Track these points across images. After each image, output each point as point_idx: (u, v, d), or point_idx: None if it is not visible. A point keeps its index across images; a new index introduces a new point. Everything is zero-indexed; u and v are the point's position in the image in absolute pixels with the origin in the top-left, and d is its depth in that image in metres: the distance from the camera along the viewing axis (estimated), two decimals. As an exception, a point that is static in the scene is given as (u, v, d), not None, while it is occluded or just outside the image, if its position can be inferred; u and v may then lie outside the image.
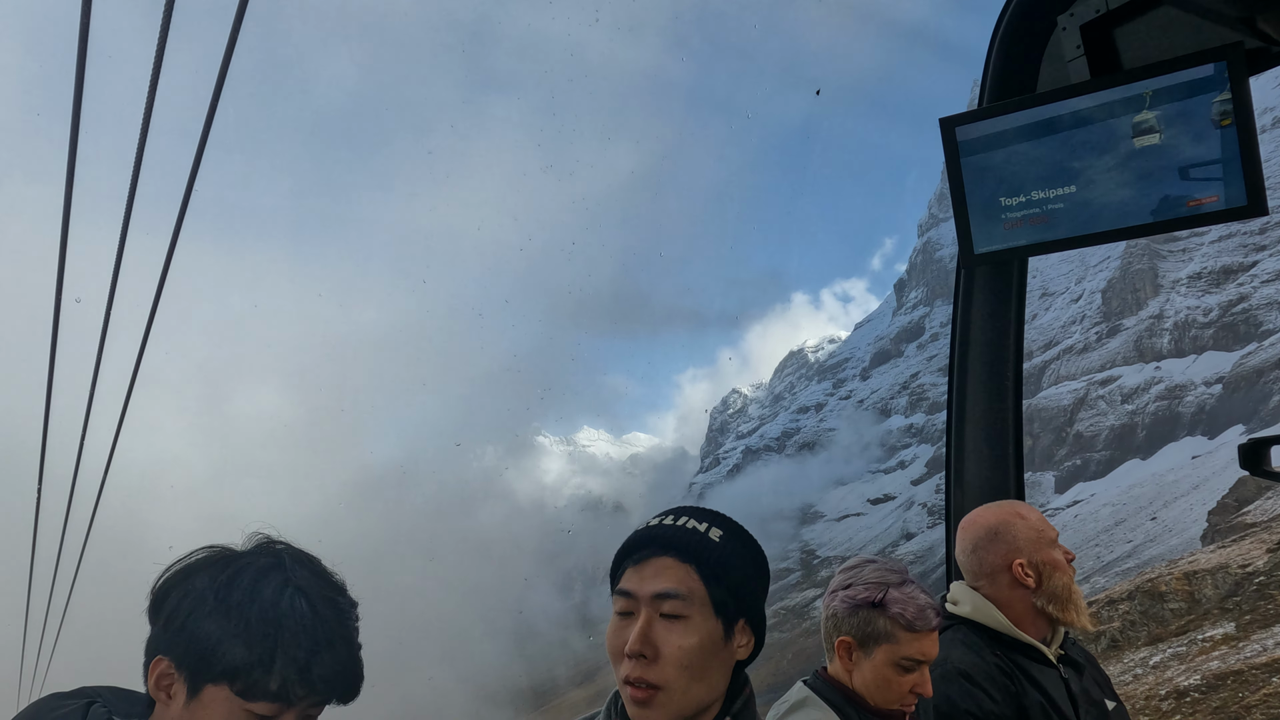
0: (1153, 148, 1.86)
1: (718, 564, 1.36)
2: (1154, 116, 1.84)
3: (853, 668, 1.91)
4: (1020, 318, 2.53)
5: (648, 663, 1.30)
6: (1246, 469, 1.82)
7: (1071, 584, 2.26)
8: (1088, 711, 2.19)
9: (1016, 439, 2.56)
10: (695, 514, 1.41)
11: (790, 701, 1.96)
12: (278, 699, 1.28)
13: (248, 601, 1.30)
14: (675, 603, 1.32)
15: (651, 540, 1.38)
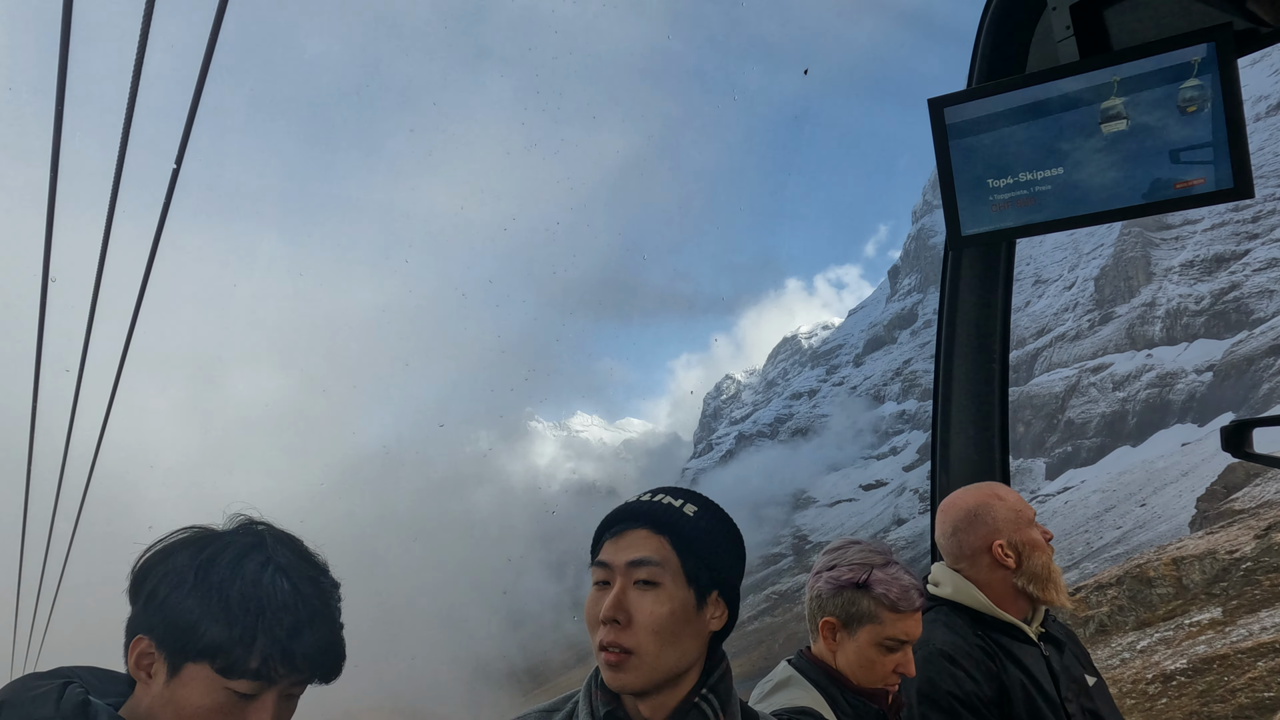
0: (1142, 129, 1.85)
1: (691, 536, 1.41)
2: (1121, 103, 1.84)
3: (836, 648, 1.92)
4: (1007, 300, 2.53)
5: (620, 628, 1.35)
6: (1229, 451, 1.82)
7: (1050, 563, 2.27)
8: (1069, 687, 2.21)
9: (1002, 422, 2.56)
10: (672, 492, 1.48)
11: (774, 681, 1.97)
12: (259, 677, 1.29)
13: (228, 580, 1.30)
14: (649, 569, 1.38)
15: (629, 515, 1.44)
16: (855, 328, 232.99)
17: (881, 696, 1.92)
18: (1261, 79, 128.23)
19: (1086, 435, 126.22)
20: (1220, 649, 18.83)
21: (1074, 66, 1.90)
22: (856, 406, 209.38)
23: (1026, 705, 2.12)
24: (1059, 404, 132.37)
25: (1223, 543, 26.97)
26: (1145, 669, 19.75)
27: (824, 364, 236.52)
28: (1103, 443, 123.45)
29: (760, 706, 1.90)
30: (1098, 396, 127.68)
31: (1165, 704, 17.36)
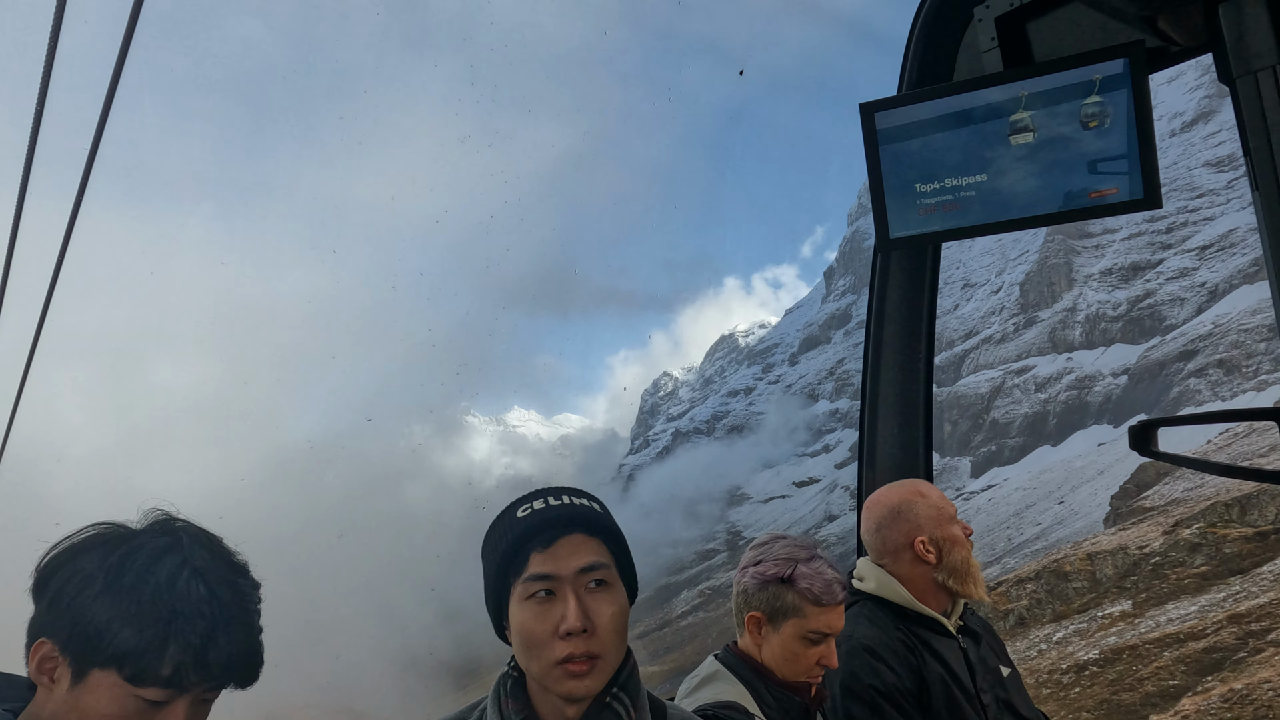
0: (1059, 140, 1.92)
1: (614, 533, 1.45)
2: (1028, 116, 1.91)
3: (762, 642, 1.95)
4: (933, 302, 2.59)
5: (587, 636, 1.34)
6: (1136, 449, 1.90)
7: (969, 558, 2.34)
8: (984, 678, 2.29)
9: (927, 420, 2.63)
10: (572, 493, 1.47)
11: (701, 676, 1.99)
12: (170, 684, 1.24)
13: (140, 583, 1.25)
14: (602, 571, 1.39)
15: (554, 521, 1.40)
16: (791, 327, 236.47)
17: (805, 689, 1.95)
18: (1178, 96, 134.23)
19: (1010, 435, 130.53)
20: (1130, 640, 19.70)
21: (997, 77, 1.97)
22: (791, 405, 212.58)
23: (944, 697, 2.18)
24: (984, 404, 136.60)
25: (1134, 539, 28.21)
26: (1060, 659, 20.52)
27: (760, 362, 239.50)
28: (1025, 442, 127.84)
29: (687, 701, 1.91)
30: (1021, 398, 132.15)
31: (1078, 693, 18.06)
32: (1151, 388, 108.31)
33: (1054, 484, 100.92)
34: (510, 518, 1.43)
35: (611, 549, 1.44)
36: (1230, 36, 1.72)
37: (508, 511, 1.46)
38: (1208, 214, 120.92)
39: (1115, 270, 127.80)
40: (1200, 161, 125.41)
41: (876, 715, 2.12)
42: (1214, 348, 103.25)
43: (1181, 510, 30.47)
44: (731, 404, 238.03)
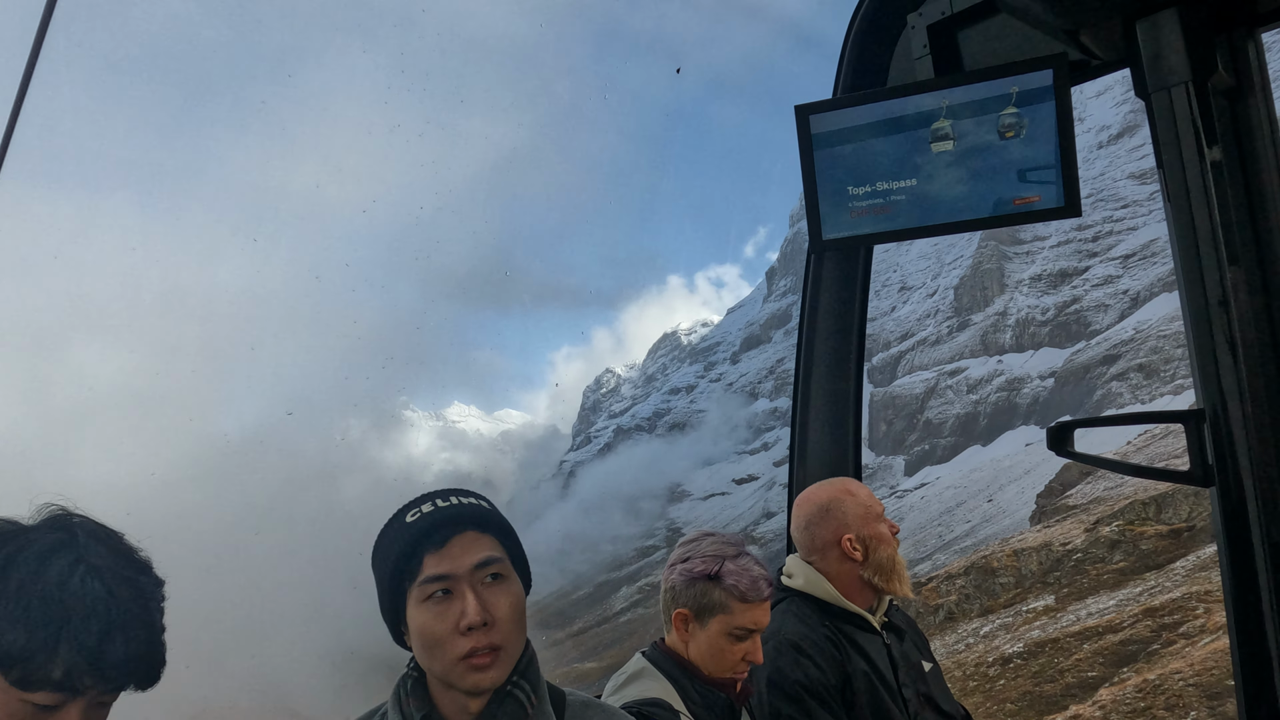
0: (986, 148, 1.97)
1: (504, 528, 1.47)
2: (949, 125, 1.96)
3: (689, 639, 1.96)
4: (864, 303, 2.64)
5: (487, 629, 1.36)
6: (1053, 449, 1.97)
7: (895, 555, 2.39)
8: (907, 673, 2.34)
9: (856, 419, 2.68)
10: (459, 493, 1.49)
11: (628, 673, 1.99)
12: (61, 688, 1.17)
13: (29, 582, 1.18)
14: (497, 565, 1.41)
15: (445, 521, 1.41)
16: (733, 326, 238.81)
17: (730, 686, 1.97)
18: (1105, 110, 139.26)
19: (942, 435, 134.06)
20: (1052, 633, 20.37)
21: (929, 84, 2.01)
22: (732, 403, 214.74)
23: (868, 691, 2.23)
24: (919, 405, 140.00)
25: (1057, 536, 29.20)
26: (987, 653, 21.12)
27: (702, 360, 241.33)
28: (956, 442, 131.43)
29: (614, 699, 1.92)
30: (953, 398, 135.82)
31: (1003, 685, 18.60)
32: (1077, 390, 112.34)
33: (983, 483, 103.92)
34: (399, 524, 1.44)
35: (504, 543, 1.46)
36: (1146, 52, 1.78)
37: (396, 518, 1.46)
38: (1131, 224, 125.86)
39: (1044, 276, 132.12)
40: (1125, 173, 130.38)
41: (801, 710, 2.15)
42: (1135, 352, 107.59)
43: (1102, 508, 31.63)
44: (673, 401, 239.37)
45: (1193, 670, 13.98)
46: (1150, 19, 1.76)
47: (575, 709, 1.55)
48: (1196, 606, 17.63)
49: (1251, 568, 1.70)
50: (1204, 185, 1.73)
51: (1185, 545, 24.05)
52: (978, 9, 2.11)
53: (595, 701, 1.59)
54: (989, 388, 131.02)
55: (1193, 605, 17.78)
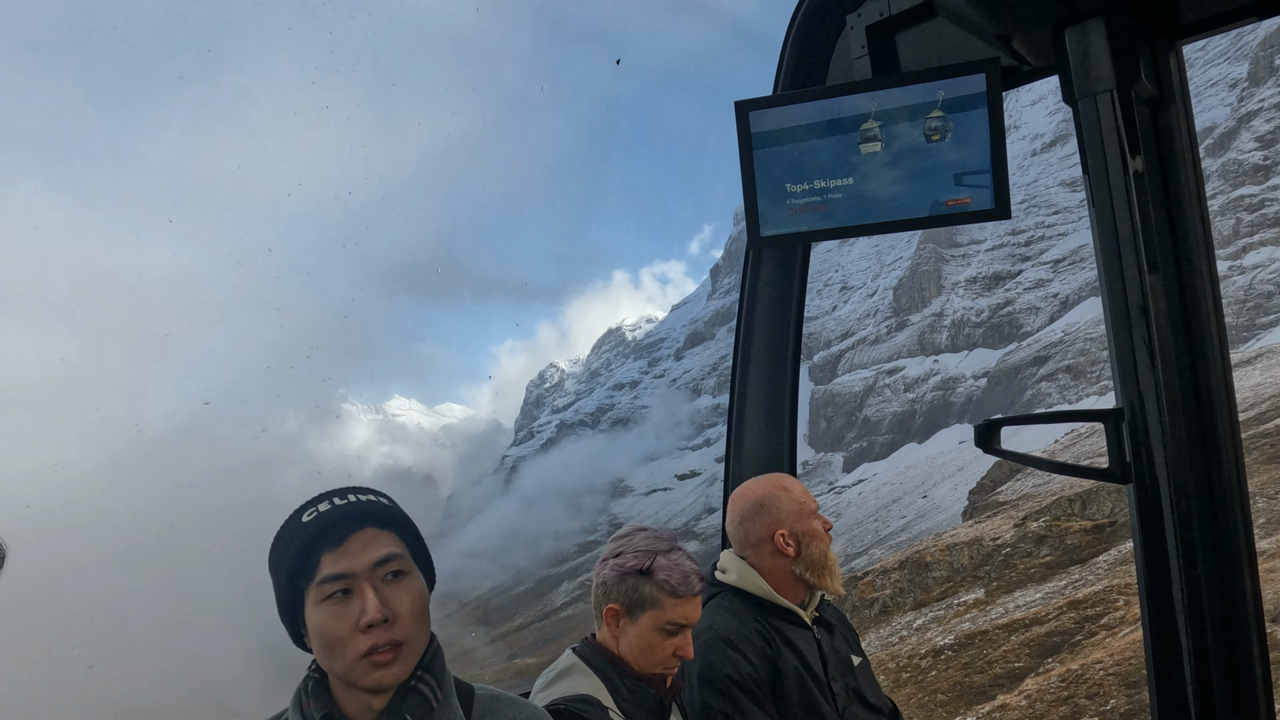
0: (920, 149, 2.00)
1: (405, 524, 1.45)
2: (877, 127, 1.98)
3: (620, 634, 1.95)
4: (801, 300, 2.65)
5: (388, 625, 1.35)
6: (980, 447, 2.01)
7: (827, 551, 2.41)
8: (836, 668, 2.37)
9: (792, 415, 2.69)
10: (358, 491, 1.46)
11: (558, 669, 1.98)
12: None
13: None
14: (398, 562, 1.40)
15: (342, 520, 1.39)
16: (678, 322, 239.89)
17: (660, 681, 1.96)
18: (1039, 118, 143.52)
19: (880, 432, 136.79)
20: (982, 625, 20.95)
21: (866, 84, 2.03)
22: (676, 399, 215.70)
23: (797, 686, 2.25)
24: (857, 403, 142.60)
25: (988, 531, 30.05)
26: (920, 645, 21.61)
27: (646, 356, 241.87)
28: (893, 439, 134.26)
29: (542, 695, 1.90)
30: (891, 397, 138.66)
31: (934, 676, 19.05)
32: (1008, 390, 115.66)
33: (919, 479, 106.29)
34: (295, 524, 1.41)
35: (405, 539, 1.45)
36: (1074, 60, 1.82)
37: (292, 519, 1.43)
38: (1062, 230, 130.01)
39: (979, 279, 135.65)
40: (1057, 180, 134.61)
41: (731, 704, 2.16)
42: (1063, 354, 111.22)
43: (1030, 504, 32.64)
44: (617, 397, 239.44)
45: (1112, 660, 14.51)
46: (1079, 27, 1.80)
47: (484, 703, 1.53)
48: (1117, 599, 18.31)
49: (1165, 561, 1.76)
50: (1126, 192, 1.78)
51: (1108, 540, 24.97)
52: (915, 11, 2.14)
53: (505, 695, 1.57)
54: (925, 387, 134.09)
55: (1114, 598, 18.45)
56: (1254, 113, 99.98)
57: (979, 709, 15.73)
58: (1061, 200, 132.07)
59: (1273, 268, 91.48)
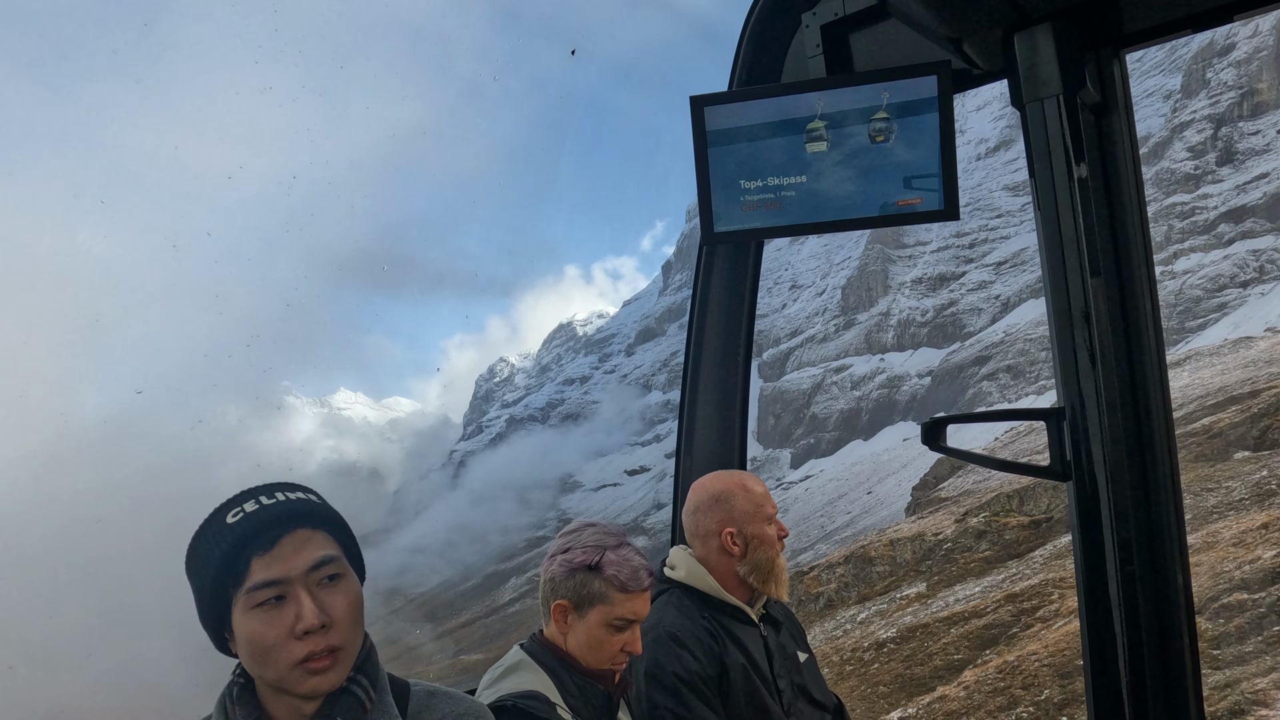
0: (872, 150, 2.01)
1: (337, 522, 1.38)
2: (823, 126, 2.00)
3: (568, 630, 1.94)
4: (753, 297, 2.66)
5: (325, 631, 1.29)
6: (927, 444, 2.04)
7: (776, 558, 2.41)
8: (782, 665, 2.39)
9: (743, 411, 2.70)
10: (285, 488, 1.38)
11: (505, 666, 1.95)
12: None
13: None
14: (333, 565, 1.33)
15: (272, 521, 1.31)
16: (629, 318, 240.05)
17: (608, 677, 1.95)
18: (984, 124, 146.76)
19: (827, 429, 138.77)
20: (923, 619, 21.39)
21: (820, 82, 2.04)
22: (626, 394, 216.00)
23: (743, 683, 2.26)
24: (806, 400, 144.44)
25: (930, 526, 30.69)
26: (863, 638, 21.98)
27: (597, 352, 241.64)
28: (840, 436, 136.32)
29: (489, 692, 1.87)
30: (838, 394, 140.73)
31: (877, 668, 19.39)
32: (951, 388, 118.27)
33: (864, 475, 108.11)
34: (219, 525, 1.32)
35: (339, 539, 1.37)
36: (1022, 65, 1.85)
37: (214, 518, 1.33)
38: (1004, 233, 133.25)
39: (925, 280, 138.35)
40: (1000, 185, 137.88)
41: (678, 701, 2.16)
42: (1004, 354, 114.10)
43: (971, 500, 33.39)
44: (567, 392, 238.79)
45: (1047, 651, 14.93)
46: (1027, 33, 1.83)
47: (420, 699, 1.48)
48: (1052, 592, 18.84)
49: (1101, 556, 1.81)
50: (1070, 196, 1.82)
51: (1044, 535, 25.69)
52: (869, 13, 2.15)
53: (442, 690, 1.53)
54: (871, 385, 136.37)
55: (1049, 591, 18.98)
56: (1186, 123, 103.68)
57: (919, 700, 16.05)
58: (1004, 204, 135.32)
59: (1201, 273, 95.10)
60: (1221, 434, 28.29)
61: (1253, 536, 16.20)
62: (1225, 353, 50.78)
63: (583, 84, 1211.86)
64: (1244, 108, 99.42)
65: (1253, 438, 27.10)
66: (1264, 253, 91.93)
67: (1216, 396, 34.49)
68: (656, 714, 2.16)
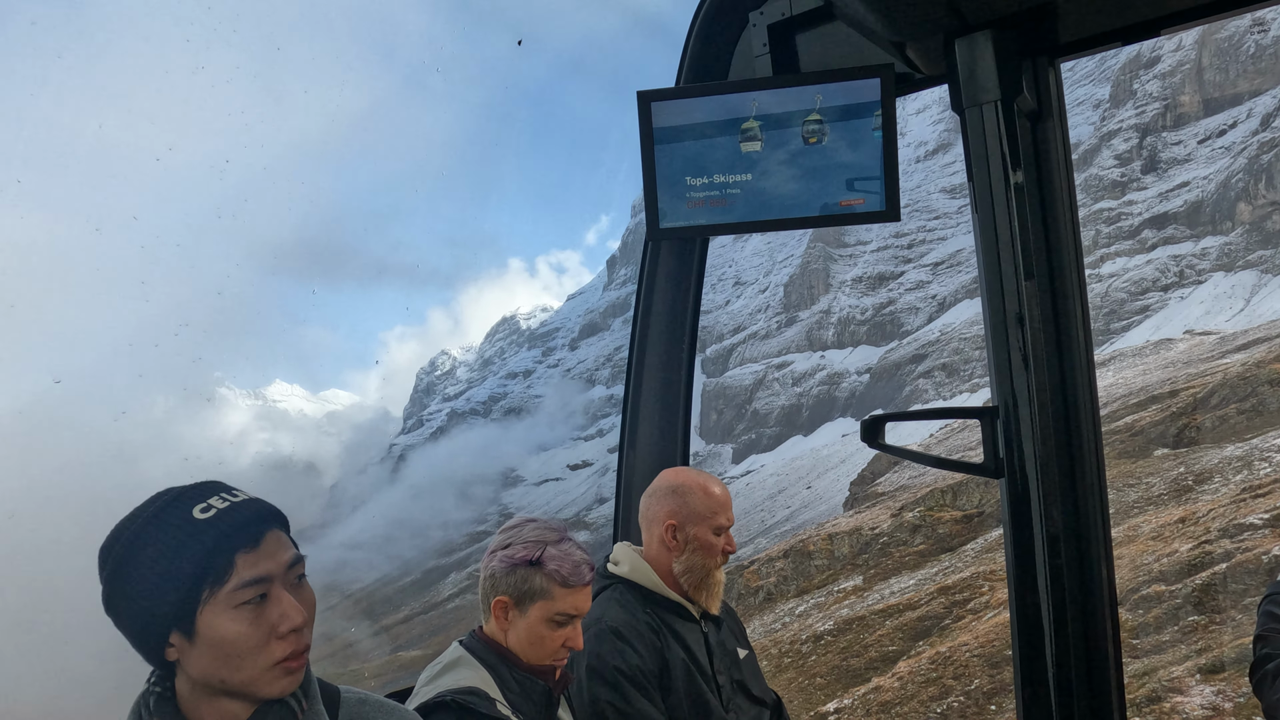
0: (817, 150, 2.04)
1: (285, 520, 1.35)
2: (758, 126, 2.02)
3: (508, 626, 1.92)
4: (698, 294, 2.67)
5: (302, 631, 1.27)
6: (866, 441, 2.07)
7: (713, 569, 2.38)
8: (722, 660, 2.41)
9: (686, 406, 2.71)
10: (226, 488, 1.32)
11: (444, 662, 1.93)
12: None
13: None
14: (302, 563, 1.31)
15: (254, 518, 1.26)
16: (573, 312, 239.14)
17: (549, 673, 1.95)
18: (923, 127, 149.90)
19: (768, 425, 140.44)
20: (859, 611, 21.82)
21: (766, 81, 2.05)
22: (569, 389, 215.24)
23: (684, 678, 2.27)
24: (747, 395, 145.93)
25: (867, 521, 31.30)
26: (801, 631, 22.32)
27: (541, 346, 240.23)
28: (780, 431, 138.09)
29: (427, 689, 1.85)
30: (780, 390, 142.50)
31: (814, 660, 19.71)
32: (889, 386, 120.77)
33: (804, 470, 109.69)
34: (186, 519, 1.23)
35: (289, 535, 1.34)
36: (963, 70, 1.89)
37: (173, 512, 1.25)
38: (941, 234, 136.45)
39: (865, 279, 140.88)
40: (938, 187, 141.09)
41: (619, 695, 2.17)
42: (939, 353, 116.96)
43: (907, 495, 34.14)
44: (510, 386, 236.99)
45: (977, 642, 15.36)
46: (968, 39, 1.86)
47: (350, 706, 1.44)
48: (983, 585, 19.39)
49: (1031, 550, 1.86)
50: (1007, 199, 1.86)
51: (975, 529, 26.43)
52: (816, 14, 2.17)
53: (373, 698, 1.49)
54: (812, 381, 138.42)
55: (980, 584, 19.53)
56: (1114, 132, 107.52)
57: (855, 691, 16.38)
58: (941, 206, 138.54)
59: (1125, 277, 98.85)
60: (1143, 432, 29.48)
61: (1171, 530, 16.92)
62: (1147, 354, 52.92)
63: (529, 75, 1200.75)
64: (1167, 119, 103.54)
65: (1172, 435, 28.32)
66: (1184, 258, 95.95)
67: (1138, 396, 35.91)
68: (598, 708, 2.16)
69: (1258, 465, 20.12)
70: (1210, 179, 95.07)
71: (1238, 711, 9.65)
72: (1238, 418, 26.95)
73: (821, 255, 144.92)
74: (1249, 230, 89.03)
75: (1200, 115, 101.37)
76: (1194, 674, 10.61)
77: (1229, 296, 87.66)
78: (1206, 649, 11.40)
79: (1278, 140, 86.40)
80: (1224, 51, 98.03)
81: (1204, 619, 12.51)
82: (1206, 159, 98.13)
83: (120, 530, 1.26)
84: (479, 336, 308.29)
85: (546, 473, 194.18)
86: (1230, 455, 21.84)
